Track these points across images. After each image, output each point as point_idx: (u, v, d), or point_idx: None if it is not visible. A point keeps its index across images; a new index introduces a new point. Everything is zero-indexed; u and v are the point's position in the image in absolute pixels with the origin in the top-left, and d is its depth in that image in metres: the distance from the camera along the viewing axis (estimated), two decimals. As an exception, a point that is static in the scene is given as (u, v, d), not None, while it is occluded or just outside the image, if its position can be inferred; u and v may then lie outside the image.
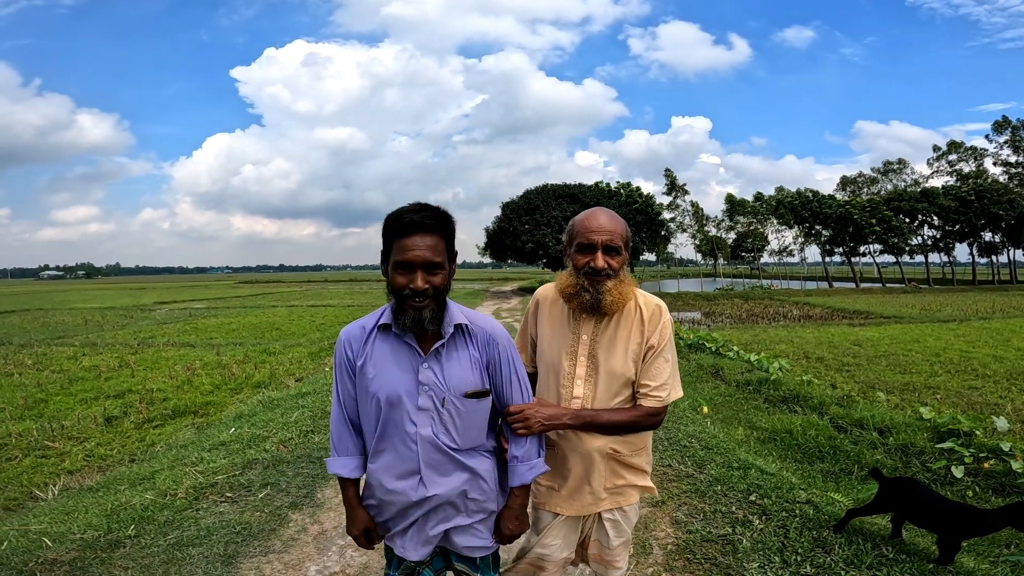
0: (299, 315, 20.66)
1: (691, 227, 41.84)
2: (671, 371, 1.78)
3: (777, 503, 3.35)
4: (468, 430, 1.57)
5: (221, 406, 7.20)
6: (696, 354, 9.80)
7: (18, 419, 6.58)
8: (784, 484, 3.64)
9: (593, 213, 1.78)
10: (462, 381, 1.55)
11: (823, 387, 7.21)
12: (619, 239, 1.75)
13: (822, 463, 4.75)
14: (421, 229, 1.47)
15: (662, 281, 47.49)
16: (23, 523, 3.34)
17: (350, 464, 1.63)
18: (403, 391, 1.53)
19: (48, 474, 4.90)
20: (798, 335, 13.66)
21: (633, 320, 1.78)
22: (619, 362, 1.75)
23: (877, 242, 40.82)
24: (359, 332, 1.60)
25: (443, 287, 1.52)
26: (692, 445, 4.53)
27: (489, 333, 1.61)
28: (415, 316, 1.49)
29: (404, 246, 1.47)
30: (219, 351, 11.48)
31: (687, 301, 27.92)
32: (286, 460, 4.35)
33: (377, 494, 1.61)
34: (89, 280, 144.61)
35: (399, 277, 1.48)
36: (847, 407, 5.98)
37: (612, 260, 1.72)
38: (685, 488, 3.69)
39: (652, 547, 2.98)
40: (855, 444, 5.05)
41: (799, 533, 2.98)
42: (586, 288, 1.72)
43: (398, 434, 1.55)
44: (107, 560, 2.82)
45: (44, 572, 2.69)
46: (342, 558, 2.92)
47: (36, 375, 9.23)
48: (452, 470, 1.57)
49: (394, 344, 1.56)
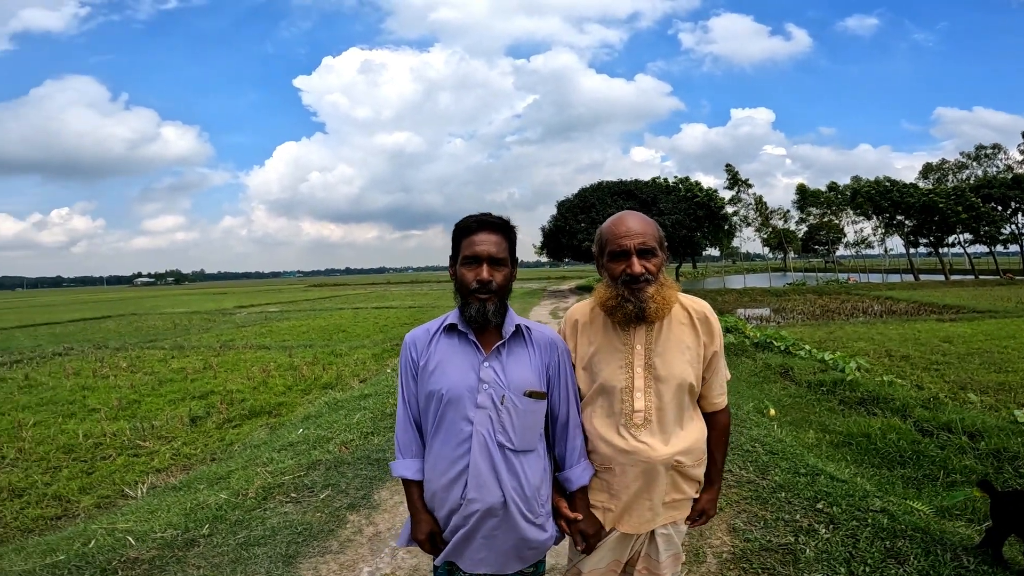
0: (363, 317, 21.34)
1: (755, 220, 40.07)
2: (724, 365, 1.80)
3: (847, 511, 3.15)
4: (524, 430, 1.59)
5: (292, 407, 7.52)
6: (763, 353, 9.38)
7: (113, 419, 7.05)
8: (856, 491, 3.42)
9: (621, 218, 1.69)
10: (522, 380, 1.59)
11: (906, 388, 6.74)
12: (652, 240, 1.66)
13: (903, 469, 4.44)
14: (487, 228, 1.61)
15: (727, 277, 45.74)
16: (111, 522, 3.61)
17: (414, 466, 1.65)
18: (464, 388, 1.57)
19: (139, 472, 5.18)
20: (879, 332, 12.78)
21: (684, 324, 1.72)
22: (680, 368, 1.68)
23: (966, 231, 37.61)
24: (423, 335, 1.68)
25: (505, 285, 1.62)
26: (755, 449, 4.34)
27: (550, 338, 1.69)
28: (480, 308, 1.57)
29: (472, 242, 1.60)
30: (291, 353, 12.03)
31: (754, 297, 26.72)
32: (347, 461, 4.51)
33: (427, 495, 1.64)
34: (177, 286, 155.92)
35: (466, 272, 1.60)
36: (933, 409, 5.58)
37: (649, 263, 1.64)
38: (745, 494, 3.54)
39: (706, 555, 2.87)
40: (941, 449, 4.69)
41: (870, 543, 2.80)
42: (627, 298, 1.64)
43: (452, 432, 1.57)
44: (183, 559, 3.01)
45: (125, 570, 2.89)
46: (393, 560, 2.99)
47: (130, 377, 9.93)
48: (502, 472, 1.56)
49: (457, 343, 1.62)
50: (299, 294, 47.97)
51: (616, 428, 1.69)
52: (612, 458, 1.69)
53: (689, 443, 1.71)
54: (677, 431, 1.70)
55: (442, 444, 1.59)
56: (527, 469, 1.60)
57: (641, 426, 1.68)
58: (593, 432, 1.72)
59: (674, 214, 30.55)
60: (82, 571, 2.86)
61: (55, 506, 4.52)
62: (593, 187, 34.46)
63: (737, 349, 9.78)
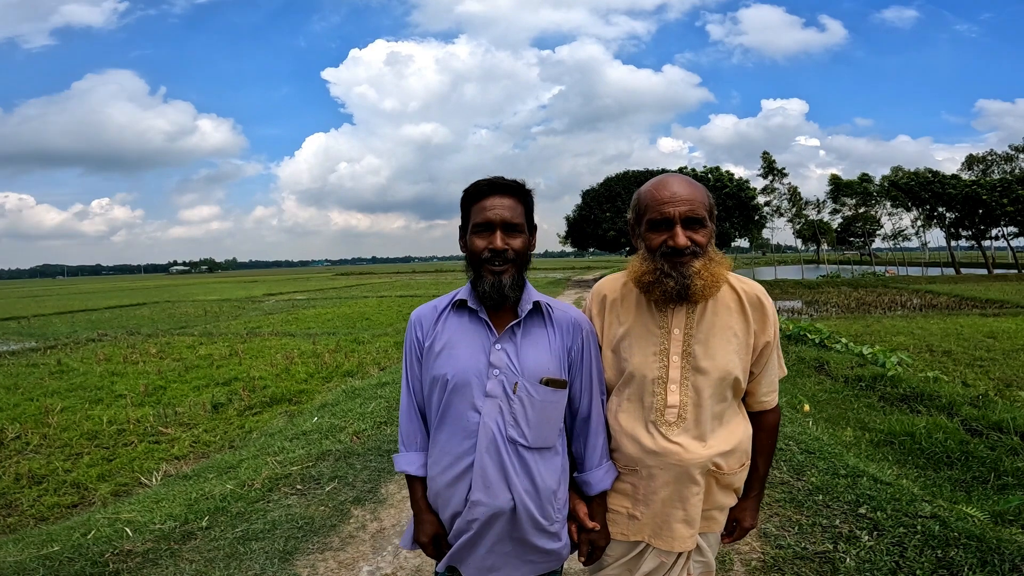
0: (387, 305, 21.45)
1: (788, 211, 38.94)
2: (779, 358, 1.55)
3: (893, 517, 2.89)
4: (540, 424, 1.38)
5: (312, 394, 7.50)
6: (796, 346, 9.02)
7: (138, 405, 7.13)
8: (903, 495, 3.15)
9: (664, 180, 1.43)
10: (538, 365, 1.38)
11: (953, 385, 6.36)
12: (702, 208, 1.40)
13: (950, 470, 4.15)
14: (499, 191, 1.41)
15: (756, 269, 44.63)
16: (115, 511, 3.54)
17: (418, 460, 1.47)
18: (472, 373, 1.37)
19: (157, 459, 5.16)
20: (919, 326, 12.20)
21: (732, 308, 1.46)
22: (724, 359, 1.43)
23: (1011, 224, 35.91)
24: (430, 312, 1.48)
25: (523, 253, 1.42)
26: (790, 448, 4.07)
27: (574, 318, 1.46)
28: (494, 282, 1.38)
29: (483, 207, 1.40)
30: (315, 340, 12.10)
31: (785, 289, 25.99)
32: (357, 452, 4.39)
33: (429, 494, 1.46)
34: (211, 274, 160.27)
35: (477, 240, 1.40)
36: (983, 407, 5.26)
37: (696, 235, 1.39)
38: (778, 497, 3.29)
39: (733, 562, 2.65)
40: (992, 450, 4.38)
41: (919, 552, 2.55)
42: (668, 273, 1.39)
43: (458, 423, 1.38)
44: (177, 552, 2.90)
45: (118, 562, 2.80)
46: (395, 559, 2.84)
47: (158, 363, 10.10)
48: (512, 472, 1.36)
49: (467, 322, 1.42)
50: (326, 282, 48.64)
51: (645, 424, 1.46)
52: (639, 459, 1.47)
53: (731, 445, 1.47)
54: (716, 431, 1.46)
55: (447, 437, 1.39)
56: (542, 469, 1.39)
57: (674, 424, 1.44)
58: (618, 428, 1.49)
59: (703, 204, 30.01)
60: (74, 563, 2.77)
61: (72, 494, 4.52)
62: (619, 176, 34.02)
63: (768, 341, 9.41)
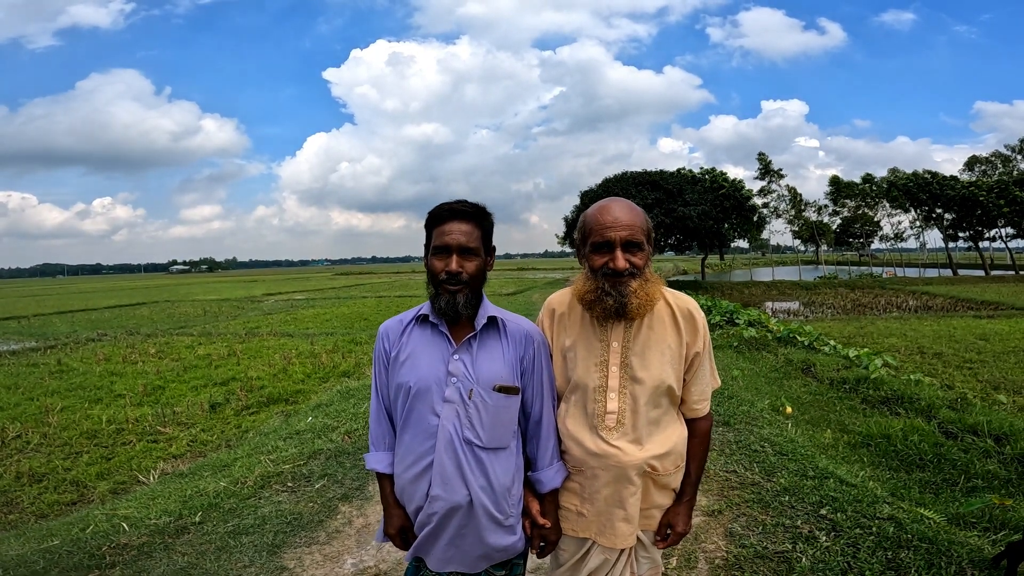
0: (386, 305, 21.60)
1: (787, 212, 38.99)
2: (711, 369, 1.70)
3: (852, 518, 3.03)
4: (494, 426, 1.54)
5: (309, 394, 7.61)
6: (785, 348, 9.13)
7: (137, 405, 7.25)
8: (865, 497, 3.28)
9: (607, 205, 1.57)
10: (492, 374, 1.55)
11: (934, 387, 6.48)
12: (640, 233, 1.55)
13: (922, 472, 4.27)
14: (458, 216, 1.56)
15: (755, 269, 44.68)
16: (113, 508, 3.69)
17: (386, 459, 1.64)
18: (432, 381, 1.54)
19: (155, 458, 5.28)
20: (913, 328, 12.33)
21: (667, 321, 1.62)
22: (658, 369, 1.58)
23: (1009, 225, 35.97)
24: (396, 325, 1.65)
25: (478, 275, 1.57)
26: (764, 450, 4.21)
27: (526, 330, 1.63)
28: (450, 300, 1.54)
29: (442, 231, 1.55)
30: (312, 340, 12.22)
31: (783, 290, 26.11)
32: (347, 451, 4.54)
33: (396, 490, 1.62)
34: (211, 273, 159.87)
35: (436, 261, 1.56)
36: (960, 410, 5.36)
37: (634, 257, 1.54)
38: (747, 497, 3.43)
39: (698, 560, 2.79)
40: (964, 452, 4.49)
41: (871, 553, 2.68)
42: (608, 292, 1.54)
43: (419, 426, 1.55)
44: (170, 546, 3.06)
45: (114, 555, 2.95)
46: (379, 553, 2.99)
47: (157, 363, 10.18)
48: (468, 470, 1.53)
49: (429, 335, 1.59)
50: (326, 282, 48.71)
51: (588, 429, 1.62)
52: (583, 460, 1.63)
53: (665, 448, 1.62)
54: (652, 435, 1.62)
55: (411, 438, 1.56)
56: (497, 467, 1.55)
57: (613, 428, 1.60)
58: (565, 432, 1.65)
59: (700, 205, 30.00)
60: (73, 556, 2.92)
61: (72, 491, 4.66)
62: (617, 177, 34.02)
63: (758, 344, 9.53)
